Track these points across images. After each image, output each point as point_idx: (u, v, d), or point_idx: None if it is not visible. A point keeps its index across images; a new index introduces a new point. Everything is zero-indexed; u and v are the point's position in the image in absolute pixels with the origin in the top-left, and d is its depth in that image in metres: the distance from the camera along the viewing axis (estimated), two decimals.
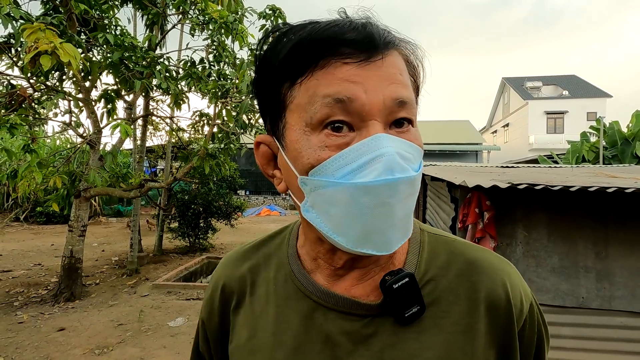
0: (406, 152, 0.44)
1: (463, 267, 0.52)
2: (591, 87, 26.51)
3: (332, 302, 0.51)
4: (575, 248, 2.28)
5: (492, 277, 0.51)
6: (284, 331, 0.52)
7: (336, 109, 0.42)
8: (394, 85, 0.43)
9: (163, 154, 8.75)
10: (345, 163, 0.42)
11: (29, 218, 11.71)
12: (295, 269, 0.55)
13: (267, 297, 0.56)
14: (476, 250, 0.55)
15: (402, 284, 0.49)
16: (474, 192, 2.23)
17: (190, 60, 5.23)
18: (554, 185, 1.93)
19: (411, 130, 0.46)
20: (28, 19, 3.65)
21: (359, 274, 0.52)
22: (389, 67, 0.44)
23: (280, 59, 0.45)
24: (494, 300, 0.50)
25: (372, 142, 0.42)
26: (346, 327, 0.50)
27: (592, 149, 11.17)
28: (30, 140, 4.74)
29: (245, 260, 0.61)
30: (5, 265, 6.68)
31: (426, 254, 0.54)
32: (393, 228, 0.44)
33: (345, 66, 0.43)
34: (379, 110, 0.43)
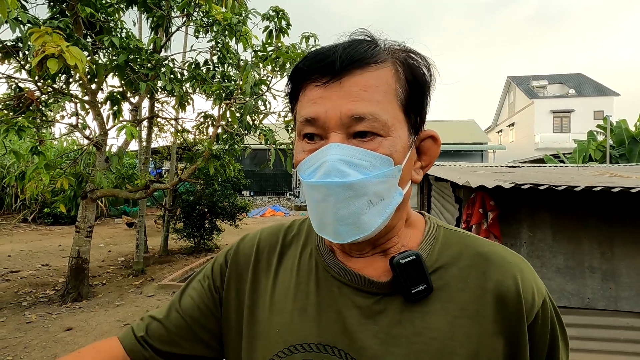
0: (356, 159, 0.50)
1: (474, 259, 0.56)
2: (598, 86, 26.23)
3: (348, 278, 0.57)
4: (581, 248, 2.27)
5: (503, 270, 0.54)
6: (304, 299, 0.58)
7: (307, 125, 0.53)
8: (352, 103, 0.50)
9: (168, 155, 8.81)
10: (309, 165, 0.53)
11: (37, 219, 11.85)
12: (321, 247, 0.62)
13: (292, 268, 0.62)
14: (489, 244, 0.58)
15: (408, 261, 0.53)
16: (478, 192, 2.23)
17: (195, 62, 5.26)
18: (558, 185, 1.92)
19: (377, 139, 0.51)
20: (35, 23, 3.71)
21: (370, 259, 0.58)
22: (351, 86, 0.51)
23: (288, 85, 0.58)
24: (503, 291, 0.52)
25: (324, 151, 0.51)
26: (358, 302, 0.55)
27: (599, 148, 11.06)
28: (37, 142, 4.80)
29: (278, 234, 0.69)
30: (14, 266, 6.76)
31: (439, 245, 0.58)
32: (339, 223, 0.51)
33: (315, 89, 0.53)
34: (337, 125, 0.51)
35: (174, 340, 0.63)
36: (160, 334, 0.63)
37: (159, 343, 0.63)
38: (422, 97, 0.56)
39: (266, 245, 0.67)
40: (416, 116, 0.56)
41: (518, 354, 0.52)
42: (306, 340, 0.55)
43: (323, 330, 0.55)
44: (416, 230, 0.61)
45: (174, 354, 0.63)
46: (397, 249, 0.58)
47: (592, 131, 12.21)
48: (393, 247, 0.58)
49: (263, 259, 0.66)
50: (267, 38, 4.77)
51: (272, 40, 4.73)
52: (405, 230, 0.60)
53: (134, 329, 0.65)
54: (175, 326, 0.64)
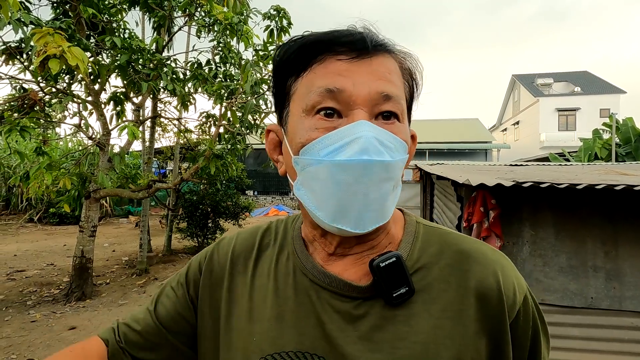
0: (386, 141, 0.48)
1: (455, 257, 0.54)
2: (604, 83, 25.95)
3: (327, 281, 0.55)
4: (584, 247, 2.24)
5: (484, 267, 0.53)
6: (282, 305, 0.56)
7: (327, 97, 0.49)
8: (381, 81, 0.49)
9: (172, 155, 8.84)
10: (330, 143, 0.48)
11: (42, 219, 11.95)
12: (298, 249, 0.60)
13: (269, 272, 0.59)
14: (470, 241, 0.57)
15: (389, 264, 0.51)
16: (479, 191, 2.21)
17: (197, 62, 5.27)
18: (560, 183, 1.89)
19: (397, 124, 0.51)
20: (38, 24, 3.73)
21: (352, 259, 0.55)
22: (378, 65, 0.50)
23: (288, 56, 0.53)
24: (485, 289, 0.51)
25: (354, 127, 0.47)
26: (338, 306, 0.53)
27: (605, 146, 10.95)
28: (42, 143, 4.83)
29: (255, 236, 0.66)
30: (20, 265, 6.83)
31: (420, 243, 0.56)
32: (367, 208, 0.48)
33: (339, 62, 0.49)
34: (365, 100, 0.48)
35: (149, 346, 0.63)
36: (137, 341, 0.63)
37: (136, 350, 0.62)
38: (412, 97, 0.56)
39: (242, 250, 0.64)
40: (409, 114, 0.56)
41: (501, 352, 0.51)
42: (284, 348, 0.53)
43: (302, 337, 0.53)
44: (398, 227, 0.59)
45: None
46: (384, 245, 0.56)
47: (597, 129, 12.09)
48: (381, 242, 0.56)
49: (239, 265, 0.63)
50: (268, 37, 4.77)
51: (273, 40, 4.73)
52: (393, 226, 0.58)
53: (115, 332, 0.64)
54: (151, 334, 0.63)
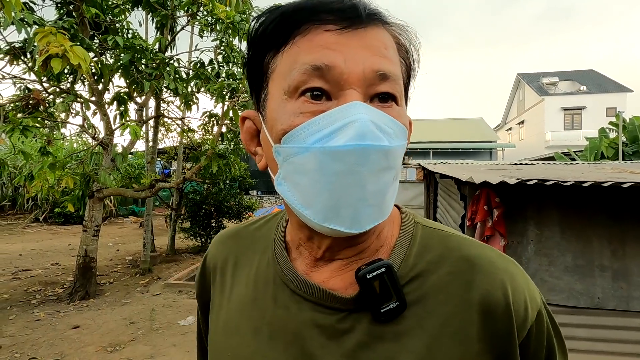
0: (385, 125, 0.41)
1: (457, 264, 0.47)
2: (610, 82, 25.69)
3: (309, 292, 0.48)
4: (590, 246, 2.20)
5: (490, 278, 0.45)
6: (259, 317, 0.50)
7: (314, 76, 0.41)
8: (377, 58, 0.42)
9: (175, 155, 8.87)
10: (318, 129, 0.40)
11: (47, 219, 12.04)
12: (278, 254, 0.53)
13: (248, 280, 0.53)
14: (475, 246, 0.49)
15: (377, 274, 0.44)
16: (483, 189, 2.17)
17: (200, 62, 5.27)
18: (566, 181, 1.86)
19: (395, 107, 0.44)
20: (41, 24, 3.74)
21: (340, 265, 0.49)
22: (373, 39, 0.42)
23: (265, 27, 0.44)
24: (490, 304, 0.44)
25: (347, 109, 0.40)
26: (319, 320, 0.47)
27: (612, 145, 10.83)
28: (46, 143, 4.86)
29: (234, 238, 0.60)
30: (25, 265, 6.87)
31: (417, 247, 0.49)
32: (364, 203, 0.40)
33: (327, 33, 0.41)
34: (358, 80, 0.41)
35: None
36: None
37: None
38: (410, 77, 0.49)
39: (222, 254, 0.59)
40: (406, 96, 0.49)
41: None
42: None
43: (279, 354, 0.47)
44: (394, 228, 0.52)
45: None
46: (374, 248, 0.49)
47: (604, 128, 11.96)
48: (370, 245, 0.49)
49: (218, 270, 0.58)
50: None
51: None
52: (386, 227, 0.51)
53: None
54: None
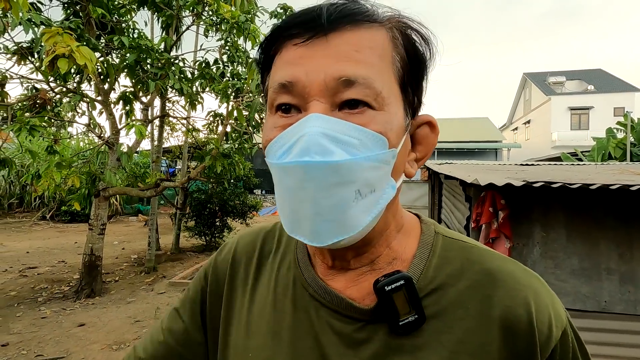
0: (342, 135, 0.40)
1: (478, 278, 0.46)
2: (618, 81, 25.38)
3: (327, 298, 0.48)
4: (597, 249, 2.17)
5: (512, 293, 0.44)
6: (280, 320, 0.50)
7: (282, 92, 0.43)
8: (341, 64, 0.41)
9: (180, 154, 8.91)
10: (283, 144, 0.42)
11: (54, 217, 12.17)
12: (300, 258, 0.53)
13: (269, 282, 0.54)
14: (497, 259, 0.48)
15: (396, 287, 0.44)
16: (488, 191, 2.16)
17: (205, 61, 5.29)
18: (573, 184, 1.84)
19: (368, 113, 0.41)
20: (48, 24, 3.78)
21: (354, 275, 0.49)
22: (340, 44, 0.41)
23: (259, 52, 0.48)
24: (512, 321, 0.43)
25: (302, 123, 0.41)
26: (338, 327, 0.47)
27: (619, 146, 10.70)
28: (53, 142, 4.90)
29: (260, 238, 0.60)
30: (32, 262, 6.95)
31: (436, 259, 0.48)
32: (319, 217, 0.40)
33: (294, 48, 0.43)
34: (320, 90, 0.41)
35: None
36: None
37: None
38: (420, 73, 0.46)
39: (243, 256, 0.58)
40: (414, 94, 0.46)
41: None
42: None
43: (298, 358, 0.47)
44: (411, 238, 0.51)
45: None
46: (386, 260, 0.49)
47: (611, 128, 11.83)
48: (381, 256, 0.48)
49: (240, 272, 0.57)
50: None
51: None
52: (398, 238, 0.50)
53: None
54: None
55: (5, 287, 5.46)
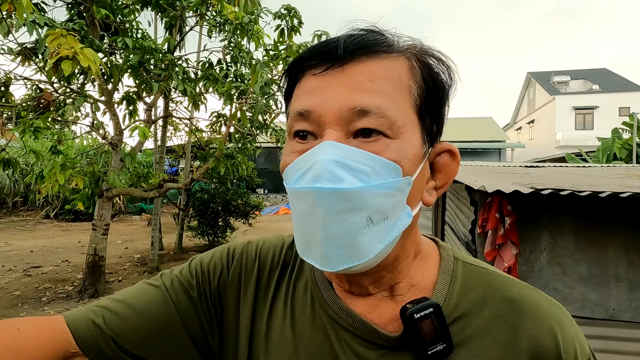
0: (353, 162, 0.41)
1: (502, 306, 0.46)
2: (624, 81, 25.19)
3: (349, 322, 0.48)
4: (605, 255, 2.14)
5: (539, 323, 0.44)
6: (298, 340, 0.49)
7: (299, 120, 0.45)
8: (356, 94, 0.42)
9: (183, 154, 8.92)
10: (298, 169, 0.44)
11: (58, 215, 12.23)
12: (318, 277, 0.52)
13: (286, 298, 0.53)
14: (518, 287, 0.48)
15: (425, 314, 0.43)
16: (494, 197, 2.13)
17: (208, 62, 5.28)
18: (582, 191, 1.81)
19: (382, 141, 0.42)
20: (52, 25, 3.78)
21: (375, 300, 0.49)
22: (355, 75, 0.43)
23: (282, 80, 0.51)
24: (540, 352, 0.43)
25: (317, 150, 0.42)
26: (360, 352, 0.46)
27: (625, 146, 10.61)
28: (57, 142, 4.92)
29: (284, 249, 0.57)
30: (36, 261, 6.98)
31: (458, 285, 0.48)
32: (330, 243, 0.41)
33: (312, 78, 0.45)
34: (335, 119, 0.43)
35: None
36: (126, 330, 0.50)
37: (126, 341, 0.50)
38: (439, 102, 0.47)
39: (267, 261, 0.56)
40: (432, 122, 0.46)
41: None
42: None
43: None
44: (430, 264, 0.51)
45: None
46: (404, 288, 0.48)
47: (617, 128, 11.72)
48: (398, 284, 0.48)
49: (263, 278, 0.55)
50: (278, 37, 4.74)
51: (283, 39, 4.70)
52: (415, 264, 0.50)
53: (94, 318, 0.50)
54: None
55: (9, 287, 5.48)
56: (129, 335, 0.49)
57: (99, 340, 0.48)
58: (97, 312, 0.50)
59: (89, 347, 0.48)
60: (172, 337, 0.51)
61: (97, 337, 0.48)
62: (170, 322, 0.51)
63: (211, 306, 0.53)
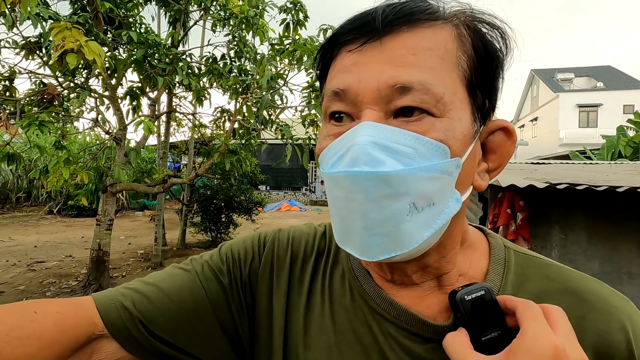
0: (395, 143, 0.38)
1: (564, 298, 0.43)
2: (628, 78, 25.01)
3: (393, 313, 0.45)
4: (618, 252, 2.11)
5: (606, 317, 0.42)
6: (339, 333, 0.46)
7: (334, 100, 0.42)
8: (396, 69, 0.38)
9: (186, 150, 8.91)
10: (334, 153, 0.41)
11: (61, 211, 12.26)
12: (356, 267, 0.50)
13: (323, 289, 0.50)
14: (579, 278, 0.45)
15: (475, 297, 0.40)
16: (506, 192, 2.10)
17: (212, 57, 5.25)
18: (598, 186, 1.78)
19: (427, 120, 0.39)
20: (56, 19, 3.75)
21: (420, 290, 0.46)
22: (396, 48, 0.39)
23: (316, 57, 0.47)
24: (609, 347, 0.40)
25: (354, 131, 0.39)
26: (407, 345, 0.43)
27: (630, 144, 10.53)
28: (60, 137, 4.90)
29: (317, 237, 0.55)
30: (39, 256, 7.00)
31: (512, 275, 0.45)
32: (368, 231, 0.39)
33: (348, 54, 0.41)
34: (373, 98, 0.39)
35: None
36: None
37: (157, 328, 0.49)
38: (493, 73, 0.42)
39: (300, 250, 0.53)
40: (484, 97, 0.42)
41: None
42: None
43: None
44: (478, 253, 0.48)
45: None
46: (452, 277, 0.45)
47: (622, 126, 11.65)
48: (447, 274, 0.45)
49: (296, 268, 0.52)
50: (284, 31, 4.69)
51: (289, 33, 4.65)
52: (463, 253, 0.47)
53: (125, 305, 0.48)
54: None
55: (14, 281, 5.49)
56: (159, 319, 0.47)
57: (128, 324, 0.47)
58: (126, 295, 0.49)
59: (118, 330, 0.46)
60: (202, 324, 0.49)
61: (126, 320, 0.47)
62: (201, 309, 0.49)
63: (242, 295, 0.51)
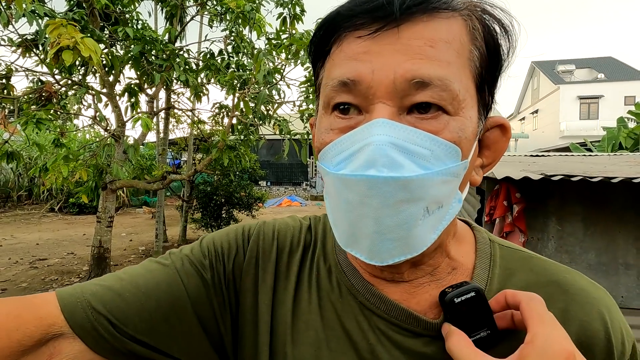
0: (412, 144, 0.36)
1: (548, 290, 0.43)
2: (629, 69, 24.85)
3: (383, 308, 0.44)
4: (615, 243, 2.12)
5: (587, 308, 0.43)
6: (327, 329, 0.45)
7: (341, 91, 0.38)
8: (414, 62, 0.36)
9: (186, 146, 8.91)
10: (341, 150, 0.38)
11: (62, 209, 12.30)
12: (342, 261, 0.48)
13: (310, 283, 0.48)
14: (560, 270, 0.46)
15: (466, 299, 0.40)
16: (502, 184, 2.11)
17: (209, 52, 5.23)
18: (593, 177, 1.78)
19: (442, 118, 0.37)
20: (52, 16, 3.73)
21: (410, 286, 0.45)
22: (413, 38, 0.36)
23: (312, 38, 0.43)
24: (590, 337, 0.41)
25: (367, 129, 0.36)
26: (398, 340, 0.43)
27: (631, 136, 10.48)
28: (59, 135, 4.91)
29: (303, 230, 0.52)
30: (42, 254, 7.04)
31: (499, 269, 0.46)
32: (380, 236, 0.37)
33: (358, 40, 0.38)
34: (388, 92, 0.36)
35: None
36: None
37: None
38: (499, 69, 0.41)
39: (287, 244, 0.51)
40: (490, 94, 0.41)
41: None
42: None
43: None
44: (465, 246, 0.48)
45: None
46: (446, 270, 0.45)
47: (622, 118, 11.59)
48: (440, 267, 0.45)
49: (282, 261, 0.50)
50: (280, 25, 4.67)
51: (285, 28, 4.63)
52: (453, 246, 0.46)
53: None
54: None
55: (16, 279, 5.53)
56: (134, 319, 0.43)
57: (96, 325, 0.42)
58: (96, 293, 0.44)
59: (85, 331, 0.42)
60: (181, 323, 0.45)
61: (94, 321, 0.42)
62: (180, 307, 0.45)
63: (225, 291, 0.48)
